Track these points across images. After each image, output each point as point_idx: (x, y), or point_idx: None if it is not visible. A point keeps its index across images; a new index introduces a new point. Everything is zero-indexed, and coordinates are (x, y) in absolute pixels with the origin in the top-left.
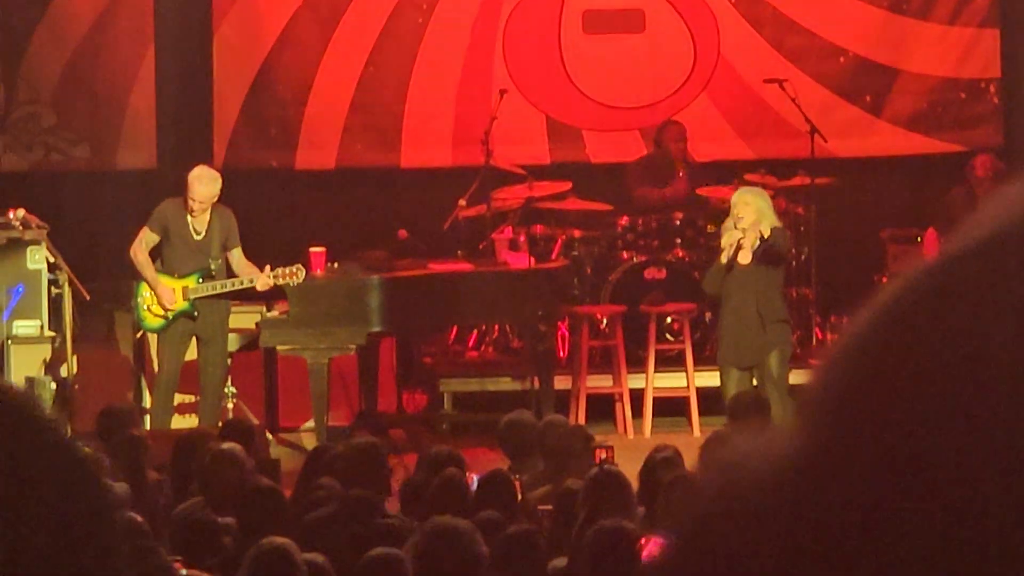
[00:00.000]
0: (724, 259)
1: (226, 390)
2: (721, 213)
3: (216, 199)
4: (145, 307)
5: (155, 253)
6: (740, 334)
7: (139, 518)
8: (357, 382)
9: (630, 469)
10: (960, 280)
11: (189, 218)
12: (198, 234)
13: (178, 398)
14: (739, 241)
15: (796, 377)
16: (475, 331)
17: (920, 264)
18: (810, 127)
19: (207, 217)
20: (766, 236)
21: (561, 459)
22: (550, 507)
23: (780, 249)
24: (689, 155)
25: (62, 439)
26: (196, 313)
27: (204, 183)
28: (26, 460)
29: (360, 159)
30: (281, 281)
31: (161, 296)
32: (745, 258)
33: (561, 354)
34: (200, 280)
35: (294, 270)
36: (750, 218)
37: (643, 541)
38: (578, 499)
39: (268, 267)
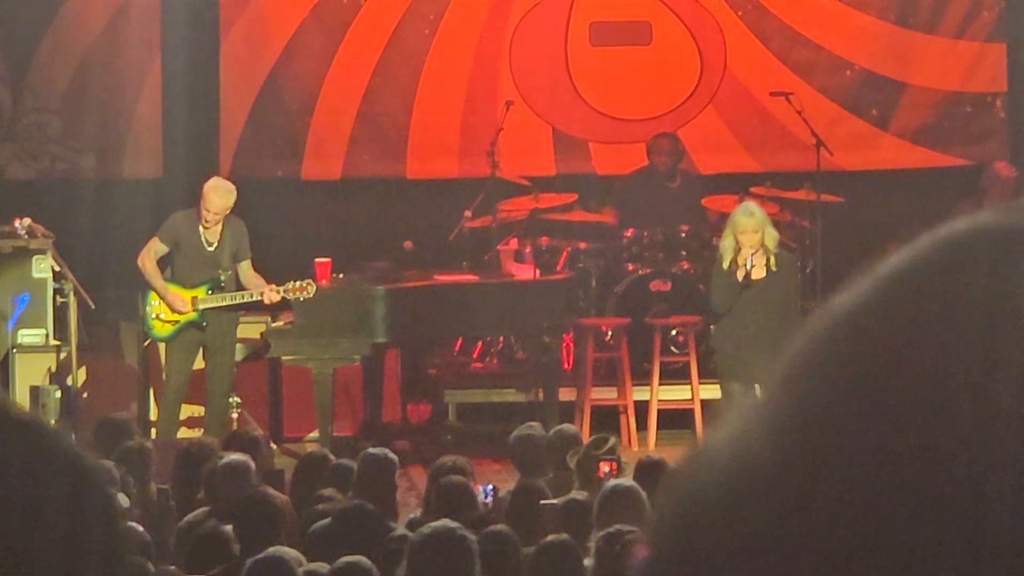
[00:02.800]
0: (741, 276)
1: (230, 400)
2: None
3: (229, 211)
4: (154, 315)
5: (165, 263)
6: (748, 349)
7: (140, 528)
8: (362, 393)
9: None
10: (918, 288)
11: (201, 229)
12: (210, 245)
13: (186, 410)
14: (752, 257)
15: None
16: (480, 342)
17: (879, 271)
18: (816, 140)
19: (219, 228)
20: (770, 246)
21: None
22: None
23: None
24: (688, 165)
25: (69, 451)
26: (204, 323)
27: (220, 194)
28: (33, 472)
29: (366, 169)
30: (292, 295)
31: (172, 303)
32: (759, 273)
33: (566, 366)
34: (210, 291)
35: (304, 284)
36: (760, 241)
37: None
38: (591, 512)
39: (273, 285)
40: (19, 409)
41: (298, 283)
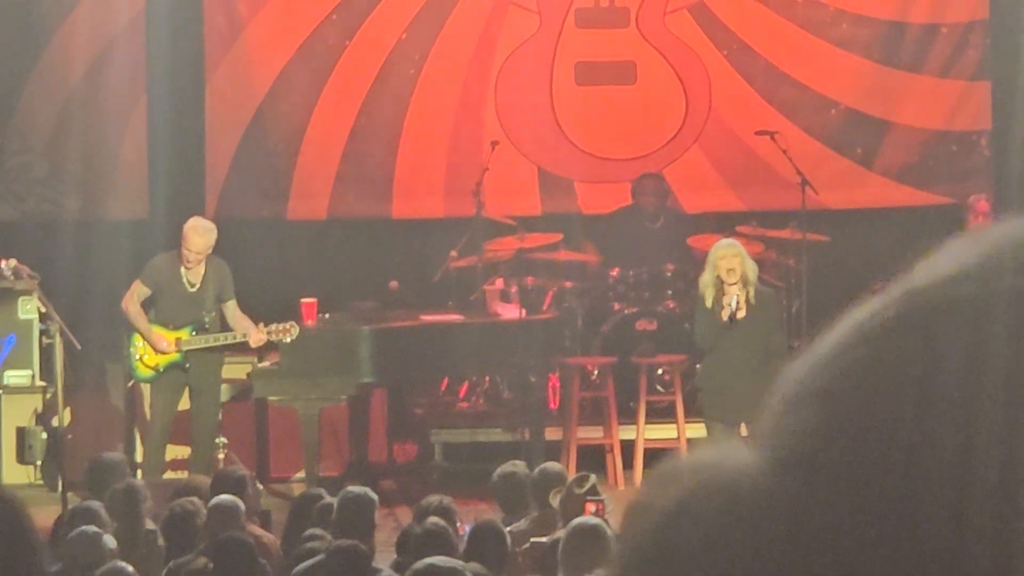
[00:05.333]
0: (726, 317)
1: (216, 440)
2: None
3: (211, 250)
4: (138, 357)
5: (148, 304)
6: (732, 388)
7: (130, 568)
8: (348, 433)
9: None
10: (915, 333)
11: (183, 270)
12: (192, 286)
13: (172, 451)
14: (736, 297)
15: None
16: (466, 382)
17: (876, 311)
18: (801, 179)
19: (201, 269)
20: (751, 278)
21: (553, 508)
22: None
23: None
24: (673, 204)
25: None
26: (188, 365)
27: (199, 234)
28: None
29: (352, 209)
30: (275, 337)
31: (156, 343)
32: (741, 312)
33: (552, 405)
34: (193, 332)
35: (288, 326)
36: (739, 271)
37: None
38: (558, 552)
39: (261, 324)
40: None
41: (282, 325)
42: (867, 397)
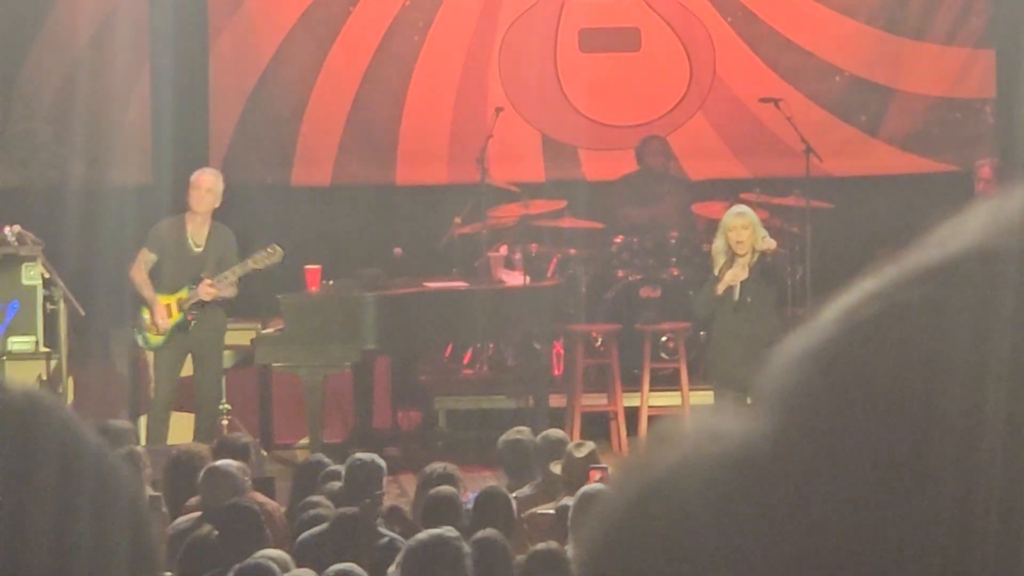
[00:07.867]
0: (721, 291)
1: (220, 407)
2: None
3: (219, 200)
4: (149, 324)
5: (155, 270)
6: (736, 355)
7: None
8: (352, 400)
9: None
10: (918, 298)
11: (188, 231)
12: (197, 247)
13: (176, 417)
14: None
15: None
16: (470, 349)
17: (881, 276)
18: (805, 146)
19: (207, 230)
20: (764, 250)
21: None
22: (551, 512)
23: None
24: (678, 170)
25: (96, 443)
26: (191, 323)
27: (206, 174)
28: (66, 463)
29: (356, 176)
30: (261, 264)
31: (156, 315)
32: (740, 278)
33: (556, 372)
34: (191, 288)
35: (271, 250)
36: (749, 241)
37: None
38: (567, 519)
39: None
40: (50, 398)
41: (264, 252)
42: (872, 360)
